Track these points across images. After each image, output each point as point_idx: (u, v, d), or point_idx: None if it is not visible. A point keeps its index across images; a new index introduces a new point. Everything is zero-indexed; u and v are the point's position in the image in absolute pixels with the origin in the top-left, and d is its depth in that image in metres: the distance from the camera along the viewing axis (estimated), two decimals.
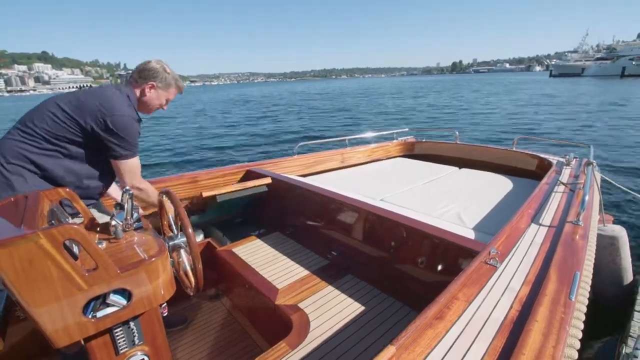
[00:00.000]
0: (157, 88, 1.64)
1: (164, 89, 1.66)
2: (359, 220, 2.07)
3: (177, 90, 1.72)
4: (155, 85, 1.63)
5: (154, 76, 1.62)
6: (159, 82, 1.63)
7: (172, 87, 1.69)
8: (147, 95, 1.64)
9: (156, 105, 1.69)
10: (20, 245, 0.79)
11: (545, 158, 3.11)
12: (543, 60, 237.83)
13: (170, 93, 1.70)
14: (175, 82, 1.69)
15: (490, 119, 14.36)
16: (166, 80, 1.65)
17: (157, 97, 1.67)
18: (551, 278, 1.16)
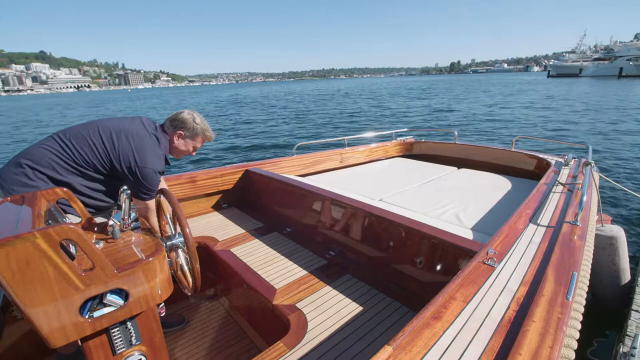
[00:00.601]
0: (185, 137, 1.75)
1: (191, 137, 1.77)
2: (358, 220, 2.07)
3: (204, 139, 1.81)
4: (183, 134, 1.74)
5: (182, 126, 1.73)
6: (187, 131, 1.73)
7: (199, 136, 1.78)
8: (175, 143, 1.76)
9: (184, 151, 1.80)
10: (16, 245, 0.78)
11: (543, 158, 3.12)
12: (541, 61, 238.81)
13: (197, 141, 1.80)
14: (203, 132, 1.78)
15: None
16: (194, 130, 1.75)
17: (185, 144, 1.78)
18: (548, 278, 1.16)
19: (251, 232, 2.47)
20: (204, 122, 1.80)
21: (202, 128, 1.77)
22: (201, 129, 1.77)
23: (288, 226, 2.54)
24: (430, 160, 4.06)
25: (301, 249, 2.21)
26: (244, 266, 1.97)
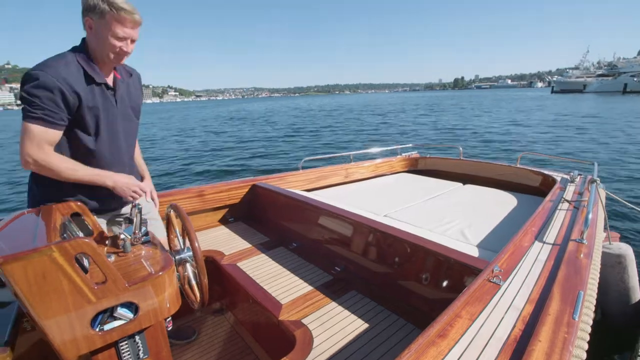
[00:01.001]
0: (94, 23, 1.23)
1: (102, 22, 1.22)
2: (363, 236, 2.08)
3: (117, 16, 1.20)
4: (91, 20, 1.23)
5: (86, 10, 1.22)
6: (94, 14, 1.21)
7: (112, 14, 1.20)
8: (88, 39, 1.28)
9: (105, 47, 1.25)
10: (34, 259, 0.81)
11: (549, 175, 3.12)
12: (544, 77, 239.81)
13: (115, 22, 1.21)
14: (111, 4, 1.19)
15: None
16: (98, 8, 1.19)
17: (96, 35, 1.24)
18: (554, 297, 1.15)
19: (257, 247, 2.48)
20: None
21: (110, 2, 1.19)
22: (108, 2, 1.18)
23: (294, 241, 2.55)
24: (436, 175, 4.07)
25: (307, 264, 2.22)
26: (250, 281, 1.98)
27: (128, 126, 1.48)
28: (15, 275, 0.79)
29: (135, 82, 1.53)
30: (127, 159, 1.50)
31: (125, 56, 1.32)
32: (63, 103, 1.20)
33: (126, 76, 1.48)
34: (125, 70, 1.49)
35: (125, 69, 1.50)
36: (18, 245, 0.88)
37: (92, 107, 1.28)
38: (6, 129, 30.60)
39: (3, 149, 16.30)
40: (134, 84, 1.52)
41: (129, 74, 1.51)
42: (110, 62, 1.31)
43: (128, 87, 1.47)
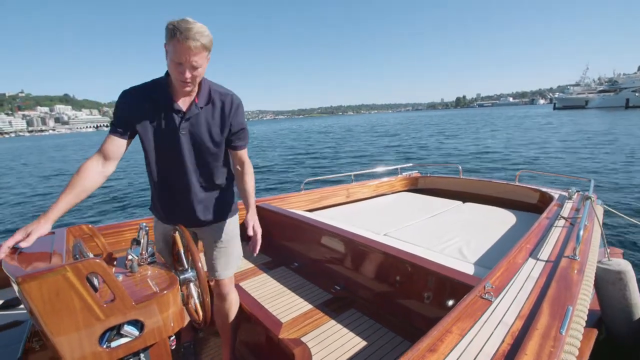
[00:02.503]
0: (166, 49, 1.24)
1: (168, 48, 1.23)
2: (362, 256, 2.12)
3: (175, 41, 1.18)
4: (165, 46, 1.24)
5: (165, 36, 1.23)
6: (165, 39, 1.22)
7: (171, 39, 1.18)
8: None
9: (173, 73, 1.27)
10: (49, 278, 0.88)
11: (546, 192, 3.15)
12: (546, 94, 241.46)
13: (173, 47, 1.19)
14: (173, 29, 1.17)
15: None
16: (167, 35, 1.20)
17: (169, 67, 1.27)
18: (544, 312, 1.18)
19: (259, 267, 2.53)
20: (189, 23, 1.19)
21: (177, 28, 1.16)
22: (176, 28, 1.16)
23: (295, 260, 2.59)
24: (436, 194, 4.12)
25: (308, 283, 2.25)
26: (251, 300, 2.02)
27: (197, 150, 1.45)
28: (32, 294, 0.86)
29: (223, 110, 1.44)
30: (188, 180, 1.48)
31: (186, 85, 1.28)
32: (122, 116, 1.34)
33: (214, 103, 1.43)
34: (216, 96, 1.43)
35: (218, 96, 1.43)
36: (35, 265, 0.96)
37: (147, 125, 1.36)
38: (18, 157, 31.10)
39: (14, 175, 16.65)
40: (220, 112, 1.44)
41: (221, 101, 1.44)
42: (179, 88, 1.31)
43: (209, 114, 1.42)
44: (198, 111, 1.40)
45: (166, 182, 1.48)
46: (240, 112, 1.49)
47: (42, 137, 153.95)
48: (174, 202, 1.52)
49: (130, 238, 1.80)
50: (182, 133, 1.39)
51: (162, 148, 1.41)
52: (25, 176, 15.83)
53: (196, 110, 1.39)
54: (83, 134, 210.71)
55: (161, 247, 1.63)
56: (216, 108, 1.44)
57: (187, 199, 1.50)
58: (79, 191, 1.21)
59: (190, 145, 1.43)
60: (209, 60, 1.32)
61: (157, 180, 1.48)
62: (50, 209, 1.14)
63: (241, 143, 1.53)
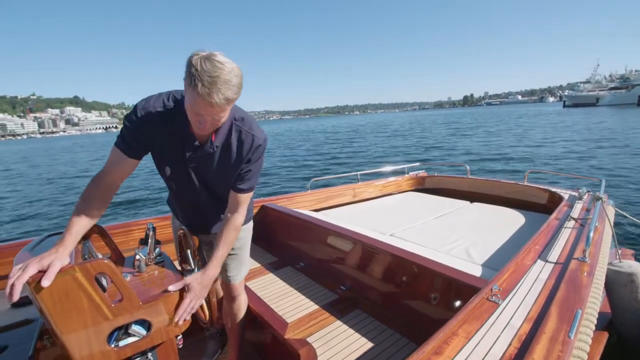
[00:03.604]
0: (185, 88, 1.09)
1: (187, 91, 1.07)
2: (368, 256, 2.11)
3: (195, 92, 1.02)
4: (185, 83, 1.08)
5: (186, 69, 1.05)
6: (185, 79, 1.05)
7: (193, 91, 1.03)
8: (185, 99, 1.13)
9: (190, 119, 1.15)
10: (58, 278, 0.89)
11: (556, 192, 3.11)
12: (555, 91, 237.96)
13: (193, 100, 1.05)
14: (195, 75, 1.00)
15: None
16: (187, 76, 1.03)
17: (186, 106, 1.13)
18: (552, 316, 1.16)
19: (266, 266, 2.54)
20: (215, 68, 1.01)
21: (200, 72, 1.00)
22: (198, 73, 1.00)
23: (301, 260, 2.60)
24: (443, 194, 4.09)
25: (313, 283, 2.25)
26: (257, 300, 2.03)
27: (205, 184, 1.39)
28: (42, 293, 0.87)
29: (240, 151, 1.30)
30: (199, 200, 1.44)
31: (204, 132, 1.17)
32: (139, 136, 1.21)
33: (231, 143, 1.28)
34: (236, 136, 1.28)
35: (238, 135, 1.28)
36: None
37: (159, 148, 1.27)
38: (26, 160, 31.61)
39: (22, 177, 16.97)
40: (236, 153, 1.30)
41: (240, 141, 1.29)
42: (195, 130, 1.19)
43: (223, 154, 1.30)
44: (212, 151, 1.27)
45: (178, 196, 1.47)
46: (258, 154, 1.32)
47: (54, 139, 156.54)
48: (187, 211, 1.53)
49: (138, 237, 1.82)
50: (191, 166, 1.32)
51: (172, 173, 1.35)
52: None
53: (210, 149, 1.26)
54: (93, 135, 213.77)
55: (177, 240, 1.66)
56: (233, 149, 1.29)
57: (199, 214, 1.50)
58: (92, 218, 1.12)
59: (199, 179, 1.37)
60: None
61: (170, 191, 1.50)
62: (66, 238, 1.02)
63: (242, 186, 1.34)
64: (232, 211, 1.37)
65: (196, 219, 1.52)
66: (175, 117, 1.21)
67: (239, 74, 1.09)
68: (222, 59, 1.04)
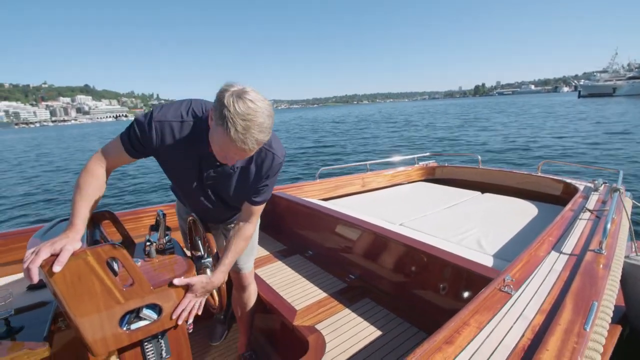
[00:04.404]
0: (213, 126, 1.04)
1: (217, 129, 1.01)
2: (377, 245, 2.10)
3: (225, 136, 0.98)
4: (211, 117, 1.04)
5: (215, 103, 1.01)
6: (214, 115, 1.01)
7: (224, 135, 0.98)
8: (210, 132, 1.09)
9: (215, 151, 1.11)
10: (71, 262, 0.90)
11: (570, 183, 3.04)
12: (570, 81, 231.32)
13: (221, 138, 1.00)
14: (228, 118, 0.95)
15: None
16: (219, 116, 0.98)
17: (212, 138, 1.08)
18: (567, 307, 1.14)
19: (274, 254, 2.55)
20: (249, 110, 0.96)
21: (232, 116, 0.95)
22: (230, 116, 0.95)
23: (310, 249, 2.60)
24: (454, 184, 4.04)
25: (322, 271, 2.26)
26: (266, 287, 2.04)
27: (220, 199, 1.38)
28: (55, 277, 0.88)
29: (260, 169, 1.27)
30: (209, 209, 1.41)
31: (228, 163, 1.14)
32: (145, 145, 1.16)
33: (251, 162, 1.26)
34: (257, 154, 1.24)
35: (259, 153, 1.24)
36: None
37: (172, 161, 1.24)
38: (38, 146, 32.12)
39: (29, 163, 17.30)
40: (255, 171, 1.27)
41: (260, 159, 1.26)
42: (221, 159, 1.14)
43: (243, 173, 1.27)
44: (231, 172, 1.25)
45: (187, 199, 1.46)
46: (274, 171, 1.30)
47: (66, 127, 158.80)
48: (197, 211, 1.49)
49: (148, 224, 1.83)
50: (207, 183, 1.29)
51: (184, 185, 1.32)
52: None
53: (230, 170, 1.24)
54: (103, 123, 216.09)
55: (183, 227, 1.65)
56: (252, 168, 1.27)
57: (210, 214, 1.47)
58: (97, 196, 1.12)
59: (213, 194, 1.35)
60: None
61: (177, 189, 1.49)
62: (75, 222, 1.01)
63: (257, 199, 1.33)
64: (244, 220, 1.36)
65: (206, 216, 1.50)
66: (194, 137, 1.16)
67: (271, 114, 1.03)
68: (254, 97, 0.99)
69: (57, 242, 0.91)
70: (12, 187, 10.96)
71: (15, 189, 10.55)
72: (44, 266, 0.87)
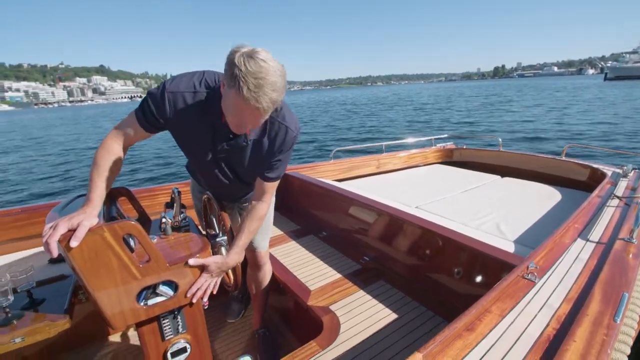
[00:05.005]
0: (225, 90, 1.01)
1: (229, 92, 0.97)
2: (393, 227, 2.06)
3: (237, 96, 0.94)
4: (224, 84, 1.01)
5: (225, 68, 0.97)
6: (225, 80, 0.98)
7: (237, 95, 0.94)
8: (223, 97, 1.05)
9: (228, 119, 1.07)
10: (88, 238, 0.89)
11: (598, 168, 2.90)
12: (597, 63, 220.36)
13: (233, 100, 0.97)
14: (239, 77, 0.91)
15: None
16: (230, 77, 0.94)
17: (225, 103, 1.04)
18: (595, 297, 1.10)
19: (288, 234, 2.55)
20: (261, 69, 0.92)
21: (244, 78, 0.91)
22: (243, 78, 0.91)
23: (324, 230, 2.59)
24: (472, 168, 3.93)
25: (336, 252, 2.25)
26: (280, 266, 2.04)
27: (234, 172, 1.36)
28: (73, 252, 0.88)
29: (273, 143, 1.24)
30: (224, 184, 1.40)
31: (241, 132, 1.12)
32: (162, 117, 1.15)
33: (264, 134, 1.23)
34: (271, 127, 1.22)
35: (273, 127, 1.22)
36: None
37: (186, 134, 1.23)
38: (59, 125, 32.78)
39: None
40: (268, 145, 1.24)
41: (274, 132, 1.22)
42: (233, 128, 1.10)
43: (256, 147, 1.25)
44: (245, 144, 1.22)
45: (202, 173, 1.44)
46: (288, 145, 1.26)
47: (82, 107, 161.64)
48: (212, 187, 1.48)
49: (163, 202, 1.84)
50: (220, 156, 1.28)
51: (198, 158, 1.31)
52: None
53: (243, 141, 1.21)
54: (119, 104, 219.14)
55: (197, 205, 1.65)
56: (266, 141, 1.24)
57: (224, 190, 1.47)
58: (114, 173, 1.12)
59: (227, 168, 1.34)
60: None
61: (192, 165, 1.48)
62: (92, 198, 1.01)
63: (270, 175, 1.29)
64: (258, 199, 1.33)
65: (221, 193, 1.49)
66: (207, 107, 1.14)
67: (284, 73, 1.00)
68: (265, 57, 0.94)
69: (75, 218, 0.91)
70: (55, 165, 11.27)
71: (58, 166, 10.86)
72: (61, 241, 0.87)
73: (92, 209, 0.98)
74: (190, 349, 1.19)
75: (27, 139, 20.34)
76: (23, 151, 15.04)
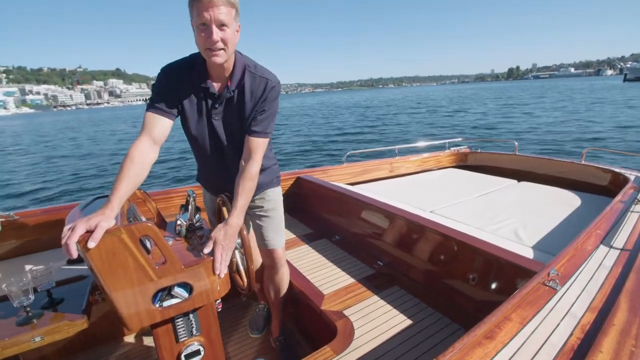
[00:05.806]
0: (190, 13, 1.16)
1: (191, 10, 1.14)
2: (407, 232, 2.03)
3: (200, 2, 1.09)
4: (189, 11, 1.17)
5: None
6: (189, 6, 1.15)
7: (191, 2, 1.12)
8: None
9: (201, 43, 1.17)
10: (106, 239, 0.90)
11: (620, 172, 2.81)
12: (615, 63, 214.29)
13: (196, 8, 1.11)
14: None
15: None
16: (189, 7, 1.14)
17: (193, 24, 1.17)
18: (621, 306, 1.05)
19: (301, 238, 2.54)
20: None
21: None
22: None
23: (337, 234, 2.57)
24: (487, 172, 3.85)
25: (349, 257, 2.22)
26: (293, 270, 2.03)
27: (230, 135, 1.41)
28: (91, 252, 0.89)
29: (254, 94, 1.34)
30: (214, 161, 1.48)
31: (216, 52, 1.17)
32: (164, 94, 1.28)
33: (246, 86, 1.33)
34: (249, 79, 1.33)
35: (251, 79, 1.33)
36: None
37: (184, 106, 1.33)
38: (70, 130, 33.64)
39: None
40: (250, 96, 1.34)
41: (255, 84, 1.34)
42: (210, 62, 1.22)
43: (241, 98, 1.34)
44: (230, 95, 1.33)
45: (206, 159, 1.49)
46: (272, 96, 1.36)
47: (100, 109, 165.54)
48: (215, 176, 1.53)
49: (179, 204, 1.85)
50: (215, 118, 1.36)
51: (198, 129, 1.39)
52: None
53: (228, 94, 1.32)
54: (134, 106, 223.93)
55: (210, 215, 1.67)
56: (248, 92, 1.34)
57: (226, 176, 1.47)
58: (136, 180, 1.15)
59: (222, 130, 1.40)
60: (240, 29, 1.23)
61: (198, 156, 1.52)
62: (112, 200, 1.03)
63: (256, 128, 1.34)
64: (247, 159, 1.36)
65: (226, 184, 1.48)
66: (194, 69, 1.30)
67: None
68: None
69: (92, 219, 0.93)
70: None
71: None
72: (80, 242, 0.88)
73: (110, 210, 1.00)
74: (203, 351, 1.19)
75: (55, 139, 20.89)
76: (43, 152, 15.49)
